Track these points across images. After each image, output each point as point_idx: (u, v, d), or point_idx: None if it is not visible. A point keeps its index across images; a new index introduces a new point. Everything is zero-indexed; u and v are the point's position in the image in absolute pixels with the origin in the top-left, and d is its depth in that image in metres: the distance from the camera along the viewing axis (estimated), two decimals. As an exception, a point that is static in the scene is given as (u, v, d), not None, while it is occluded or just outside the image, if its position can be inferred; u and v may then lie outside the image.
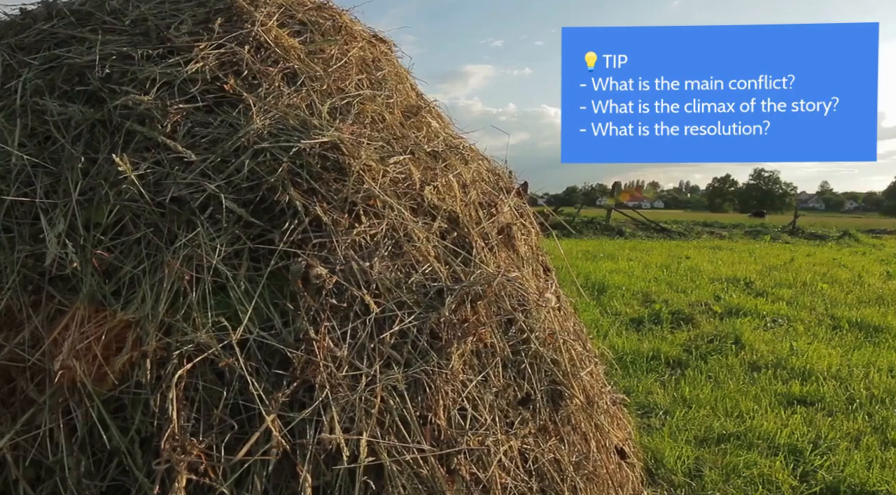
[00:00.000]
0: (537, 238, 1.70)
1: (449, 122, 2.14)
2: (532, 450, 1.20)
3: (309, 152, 1.19)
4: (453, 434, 1.07)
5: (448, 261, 1.31)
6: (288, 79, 1.39)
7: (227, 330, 0.99)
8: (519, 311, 1.35)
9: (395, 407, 1.04)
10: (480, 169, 1.72)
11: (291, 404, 0.98)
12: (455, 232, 1.37)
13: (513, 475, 1.14)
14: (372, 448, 1.00)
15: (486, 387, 1.20)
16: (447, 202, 1.39)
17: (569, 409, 1.34)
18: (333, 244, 1.13)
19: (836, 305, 8.39)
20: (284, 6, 1.58)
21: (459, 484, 1.03)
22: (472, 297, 1.25)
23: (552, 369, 1.31)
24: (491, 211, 1.50)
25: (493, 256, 1.40)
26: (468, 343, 1.18)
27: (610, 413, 1.55)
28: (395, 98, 1.57)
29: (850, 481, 3.26)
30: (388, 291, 1.17)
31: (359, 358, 1.07)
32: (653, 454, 3.44)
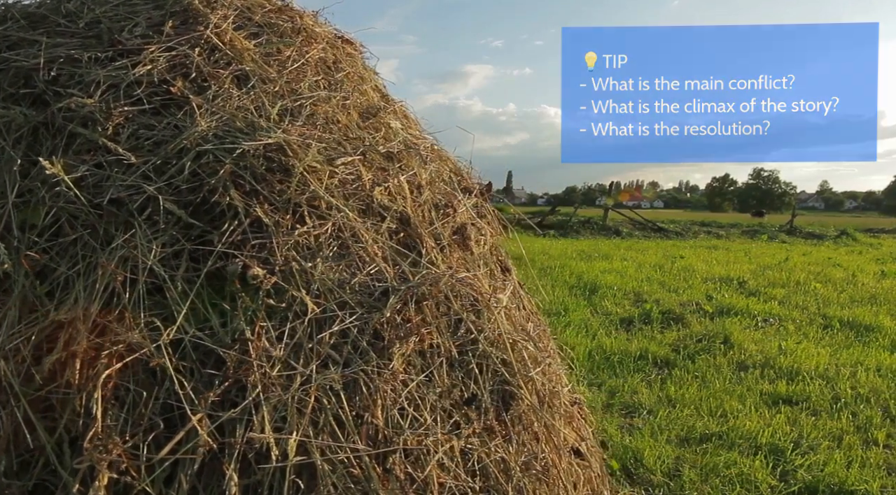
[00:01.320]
0: (494, 238, 1.71)
1: (416, 122, 2.15)
2: (476, 450, 1.21)
3: (253, 154, 1.20)
4: (390, 433, 1.08)
5: (396, 262, 1.32)
6: (239, 81, 1.40)
7: (161, 330, 0.99)
8: (469, 311, 1.36)
9: (329, 407, 1.05)
10: (441, 169, 1.73)
11: (223, 404, 0.99)
12: (405, 232, 1.38)
13: (453, 474, 1.15)
14: (305, 447, 1.01)
15: (430, 388, 1.21)
16: (398, 203, 1.40)
17: (519, 409, 1.35)
18: (273, 245, 1.14)
19: (828, 304, 8.39)
20: (242, 8, 1.59)
21: (394, 483, 1.04)
22: (416, 298, 1.26)
23: (501, 369, 1.32)
24: (446, 211, 1.51)
25: (445, 257, 1.41)
26: (410, 343, 1.19)
27: (567, 413, 1.56)
28: (351, 99, 1.58)
29: (829, 480, 3.27)
30: (331, 292, 1.17)
31: (295, 358, 1.08)
32: (633, 454, 3.44)
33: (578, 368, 4.99)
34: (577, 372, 4.88)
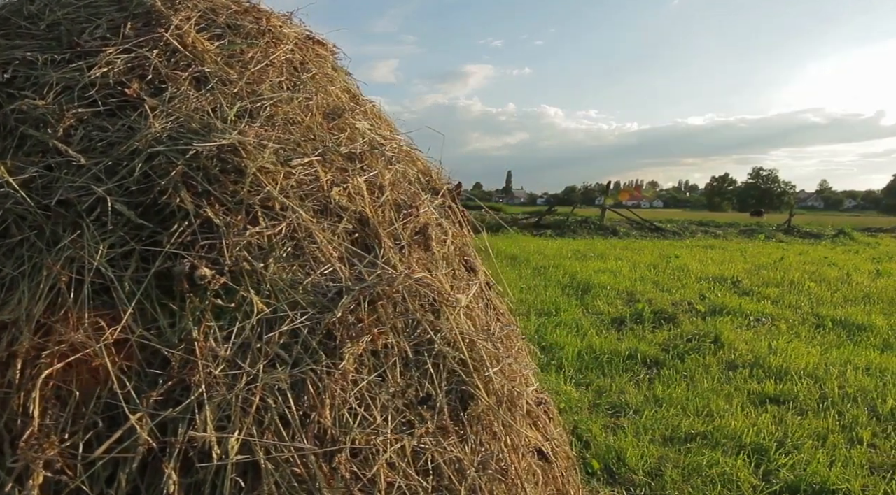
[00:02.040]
0: (459, 238, 1.71)
1: (388, 123, 2.16)
2: (429, 450, 1.22)
3: (206, 155, 1.21)
4: (337, 433, 1.09)
5: (352, 262, 1.32)
6: (199, 82, 1.41)
7: (105, 330, 1.00)
8: (427, 311, 1.37)
9: (275, 406, 1.05)
10: (408, 170, 1.74)
11: (167, 403, 1.00)
12: (363, 233, 1.39)
13: (403, 473, 1.15)
14: (249, 446, 1.01)
15: (383, 387, 1.21)
16: (357, 203, 1.40)
17: (477, 409, 1.35)
18: (223, 245, 1.14)
19: (821, 304, 8.41)
20: (207, 10, 1.60)
21: (338, 482, 1.04)
22: (371, 298, 1.26)
23: (458, 369, 1.32)
24: (409, 211, 1.51)
25: (404, 257, 1.41)
26: (362, 343, 1.19)
27: (531, 413, 1.56)
28: (315, 100, 1.58)
29: (811, 480, 3.28)
30: (282, 292, 1.18)
31: (242, 357, 1.08)
32: (616, 453, 3.45)
33: (567, 368, 5.00)
34: (565, 372, 4.89)
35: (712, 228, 21.62)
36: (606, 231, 18.87)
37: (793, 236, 20.70)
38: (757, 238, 19.45)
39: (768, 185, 78.39)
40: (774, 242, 18.60)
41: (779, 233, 20.85)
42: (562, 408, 4.11)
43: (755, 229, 21.65)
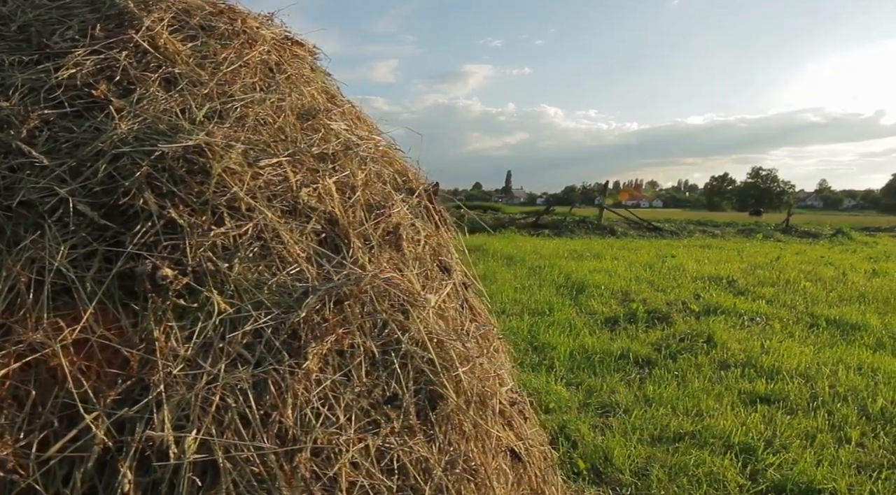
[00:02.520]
0: (434, 237, 1.71)
1: (369, 123, 2.16)
2: (394, 449, 1.22)
3: (172, 156, 1.21)
4: (298, 432, 1.09)
5: (320, 263, 1.33)
6: (168, 83, 1.41)
7: (64, 330, 1.00)
8: (397, 311, 1.37)
9: (235, 406, 1.06)
10: (383, 170, 1.74)
11: (125, 403, 1.00)
12: (332, 233, 1.39)
13: (366, 473, 1.16)
14: (208, 446, 1.02)
15: (348, 387, 1.22)
16: (327, 203, 1.41)
17: (446, 409, 1.36)
18: (186, 246, 1.15)
19: (816, 303, 8.41)
20: (181, 11, 1.60)
21: (298, 481, 1.05)
22: (337, 298, 1.27)
23: (425, 369, 1.33)
24: (380, 212, 1.52)
25: (374, 257, 1.42)
26: (326, 343, 1.20)
27: (504, 413, 1.56)
28: (288, 100, 1.59)
29: (797, 479, 3.28)
30: (246, 292, 1.19)
31: (204, 357, 1.09)
32: (603, 453, 3.45)
33: (558, 368, 5.00)
34: (556, 372, 4.89)
35: (710, 228, 21.63)
36: (604, 231, 18.87)
37: (791, 236, 20.71)
38: (755, 238, 19.46)
39: (768, 185, 78.35)
40: (772, 242, 18.60)
41: (777, 233, 20.85)
42: (551, 408, 4.12)
43: (753, 229, 21.65)
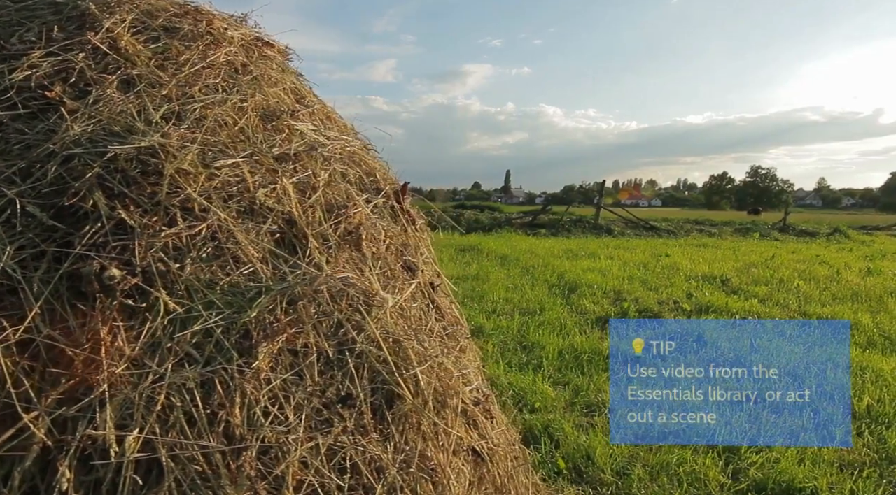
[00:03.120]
0: (400, 237, 1.72)
1: (342, 123, 2.17)
2: (346, 448, 1.23)
3: (124, 157, 1.22)
4: (244, 432, 1.10)
5: (276, 263, 1.33)
6: (128, 85, 1.42)
7: (7, 329, 1.01)
8: (354, 311, 1.38)
9: (181, 405, 1.07)
10: (349, 171, 1.75)
11: (69, 402, 1.01)
12: (290, 233, 1.40)
13: (316, 471, 1.16)
14: (152, 445, 1.03)
15: (300, 386, 1.23)
16: (285, 204, 1.42)
17: (403, 409, 1.37)
18: (136, 246, 1.16)
19: (809, 302, 8.41)
20: (144, 12, 1.61)
21: (243, 479, 1.05)
22: (290, 298, 1.27)
23: (381, 369, 1.33)
24: (340, 212, 1.52)
25: (331, 257, 1.43)
26: (277, 342, 1.20)
27: (467, 412, 1.57)
28: (251, 101, 1.59)
29: (779, 478, 3.29)
30: (197, 292, 1.19)
31: (151, 357, 1.09)
32: (586, 452, 3.46)
33: (546, 367, 5.01)
34: (543, 371, 4.89)
35: (707, 227, 21.62)
36: (601, 230, 18.87)
37: (788, 234, 20.71)
38: (752, 237, 19.45)
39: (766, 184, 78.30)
40: (769, 241, 18.60)
41: (774, 232, 20.85)
42: (537, 407, 4.13)
43: (750, 228, 21.64)
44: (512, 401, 4.19)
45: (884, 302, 8.46)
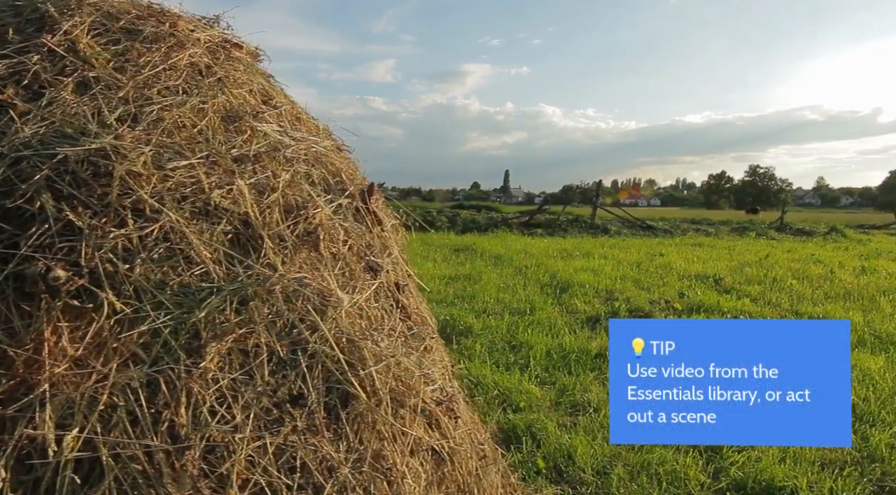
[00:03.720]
0: (364, 238, 1.73)
1: (311, 124, 2.18)
2: (296, 447, 1.24)
3: (75, 159, 1.23)
4: (189, 431, 1.11)
5: (229, 264, 1.34)
6: (84, 87, 1.43)
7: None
8: (309, 311, 1.39)
9: (124, 405, 1.07)
10: (312, 171, 1.76)
11: (6, 402, 1.02)
12: (245, 234, 1.41)
13: (263, 471, 1.17)
14: (93, 444, 1.03)
15: (249, 386, 1.23)
16: (241, 205, 1.42)
17: (358, 409, 1.37)
18: (83, 247, 1.16)
19: (801, 301, 8.42)
20: (105, 15, 1.62)
21: (184, 478, 1.06)
22: (241, 298, 1.28)
23: (334, 369, 1.34)
24: (299, 213, 1.53)
25: (287, 257, 1.43)
26: (226, 342, 1.21)
27: (427, 412, 1.58)
28: (212, 103, 1.60)
29: (759, 477, 3.29)
30: (146, 292, 1.20)
31: (96, 357, 1.10)
32: (567, 452, 3.47)
33: (533, 367, 5.01)
34: (530, 371, 4.90)
35: (704, 226, 21.63)
36: (597, 230, 18.88)
37: (785, 234, 20.71)
38: (748, 236, 19.46)
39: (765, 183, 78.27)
40: (765, 240, 18.62)
41: (770, 231, 20.86)
42: (521, 407, 4.13)
43: (747, 227, 21.66)
44: (497, 401, 4.20)
45: (876, 301, 8.46)
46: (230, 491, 1.12)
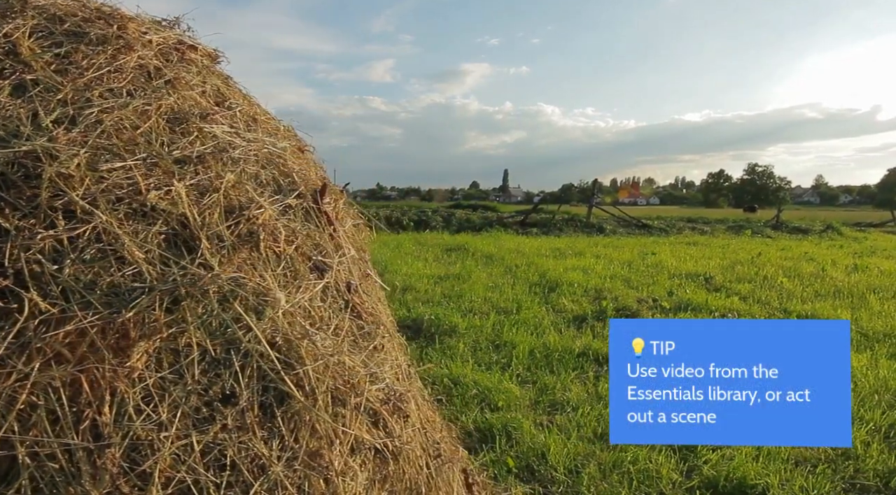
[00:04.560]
0: (311, 238, 1.74)
1: (270, 126, 2.19)
2: (225, 446, 1.25)
3: (3, 161, 1.24)
4: (111, 429, 1.12)
5: (165, 264, 1.35)
6: (20, 89, 1.44)
7: None
8: (246, 310, 1.40)
9: (44, 403, 1.09)
10: (261, 172, 1.77)
11: (-76, 403, 1.03)
12: (183, 235, 1.42)
13: (189, 469, 1.18)
14: (10, 443, 1.05)
15: (179, 385, 1.25)
16: (180, 206, 1.43)
17: (294, 408, 1.39)
18: (7, 248, 1.18)
19: (791, 299, 8.43)
20: (50, 17, 1.63)
21: (104, 476, 1.07)
22: (173, 297, 1.29)
23: (266, 368, 1.35)
24: (242, 213, 1.54)
25: (225, 258, 1.44)
26: (154, 341, 1.22)
27: (371, 411, 1.59)
28: (156, 105, 1.61)
29: (732, 475, 3.30)
30: (74, 292, 1.21)
31: (18, 356, 1.12)
32: (541, 450, 3.48)
33: (515, 366, 5.02)
34: (512, 370, 4.91)
35: (700, 225, 21.64)
36: (593, 229, 18.89)
37: (781, 232, 20.71)
38: (744, 234, 19.47)
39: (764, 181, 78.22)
40: (761, 238, 18.62)
41: (766, 229, 20.87)
42: (499, 406, 4.14)
43: (743, 225, 21.66)
44: (475, 400, 4.21)
45: (865, 298, 8.47)
46: (151, 488, 1.13)
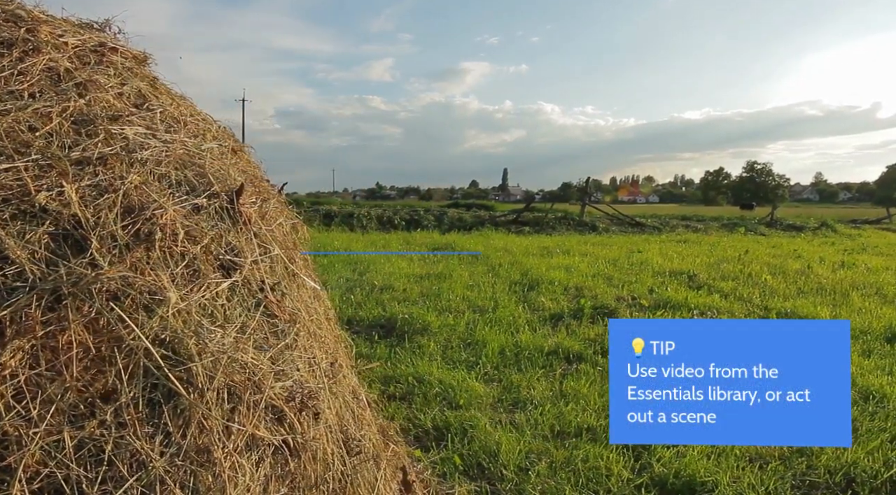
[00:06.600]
0: (221, 237, 1.76)
1: (194, 127, 2.21)
2: (102, 441, 1.27)
3: None
4: (-25, 426, 1.14)
5: (51, 264, 1.38)
6: (-85, 92, 1.47)
7: None
8: (135, 309, 1.42)
9: None
10: (172, 173, 1.79)
11: None
12: (74, 235, 1.44)
13: (58, 464, 1.21)
14: None
15: (56, 382, 1.27)
16: (72, 207, 1.46)
17: (183, 404, 1.41)
18: None
19: (773, 296, 8.43)
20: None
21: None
22: (55, 296, 1.32)
23: (150, 366, 1.38)
24: (141, 214, 1.57)
25: (117, 257, 1.47)
26: (29, 339, 1.25)
27: (272, 408, 1.61)
28: (59, 107, 1.64)
29: (682, 472, 3.32)
30: (-51, 293, 1.24)
31: None
32: (495, 448, 3.49)
33: (483, 364, 5.04)
34: (479, 368, 4.93)
35: (694, 223, 21.62)
36: (586, 227, 18.90)
37: (775, 229, 20.71)
38: (738, 232, 19.47)
39: (763, 179, 78.04)
40: (754, 236, 18.61)
41: (761, 227, 20.86)
42: (460, 404, 4.16)
43: (738, 223, 21.65)
44: (437, 398, 4.23)
45: (848, 295, 8.48)
46: (15, 483, 1.15)
